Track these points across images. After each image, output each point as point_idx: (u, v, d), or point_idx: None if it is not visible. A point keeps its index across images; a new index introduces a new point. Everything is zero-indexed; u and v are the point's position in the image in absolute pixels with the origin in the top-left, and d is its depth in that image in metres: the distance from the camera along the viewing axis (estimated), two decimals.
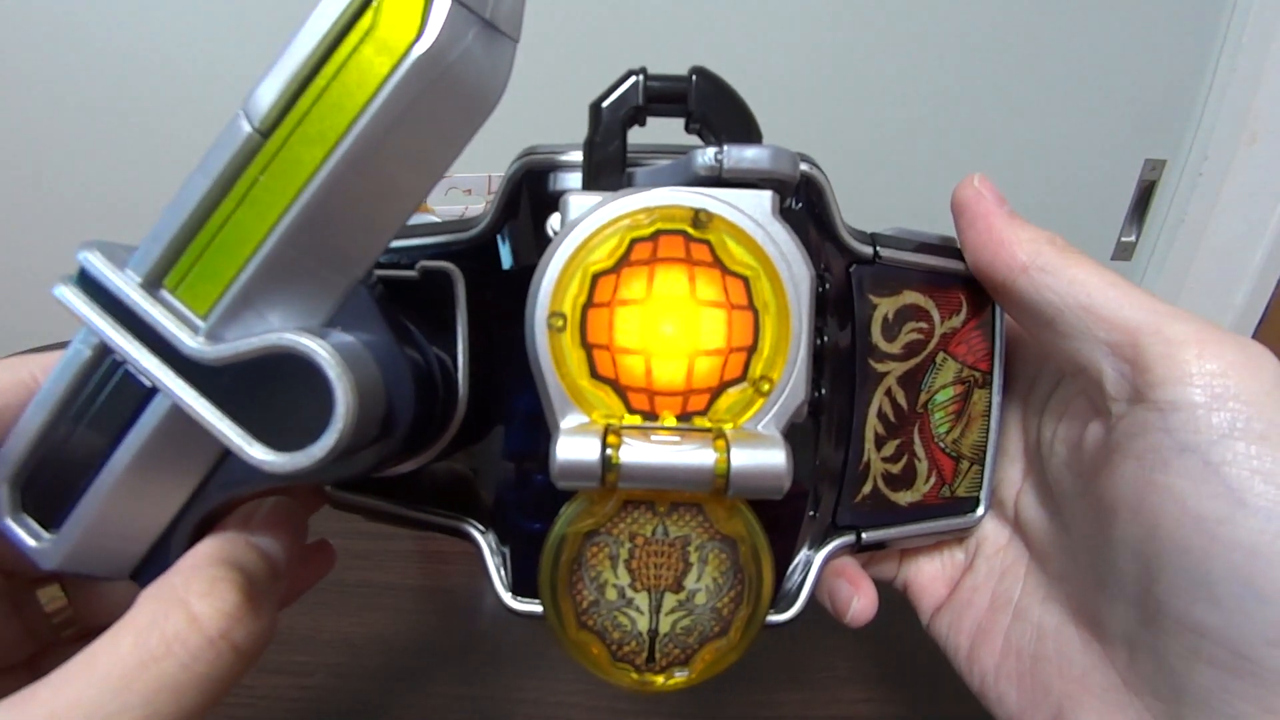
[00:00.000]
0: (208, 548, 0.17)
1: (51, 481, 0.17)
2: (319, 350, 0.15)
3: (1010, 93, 0.73)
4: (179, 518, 0.18)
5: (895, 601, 0.26)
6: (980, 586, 0.24)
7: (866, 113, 0.73)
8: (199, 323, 0.15)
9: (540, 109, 0.68)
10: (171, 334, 0.15)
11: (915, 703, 0.35)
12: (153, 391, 0.16)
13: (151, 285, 0.16)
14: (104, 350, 0.16)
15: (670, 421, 0.18)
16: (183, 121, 0.68)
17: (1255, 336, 0.78)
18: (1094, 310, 0.19)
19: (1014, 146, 0.75)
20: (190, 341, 0.15)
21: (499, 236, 0.22)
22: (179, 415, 0.15)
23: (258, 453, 0.15)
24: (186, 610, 0.15)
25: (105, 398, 0.17)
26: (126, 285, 0.15)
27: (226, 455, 0.17)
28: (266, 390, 0.15)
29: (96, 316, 0.15)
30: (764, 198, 0.17)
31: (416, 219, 0.20)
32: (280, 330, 0.15)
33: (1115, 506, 0.19)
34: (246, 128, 0.15)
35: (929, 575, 0.26)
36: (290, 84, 0.14)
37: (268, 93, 0.15)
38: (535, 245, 0.20)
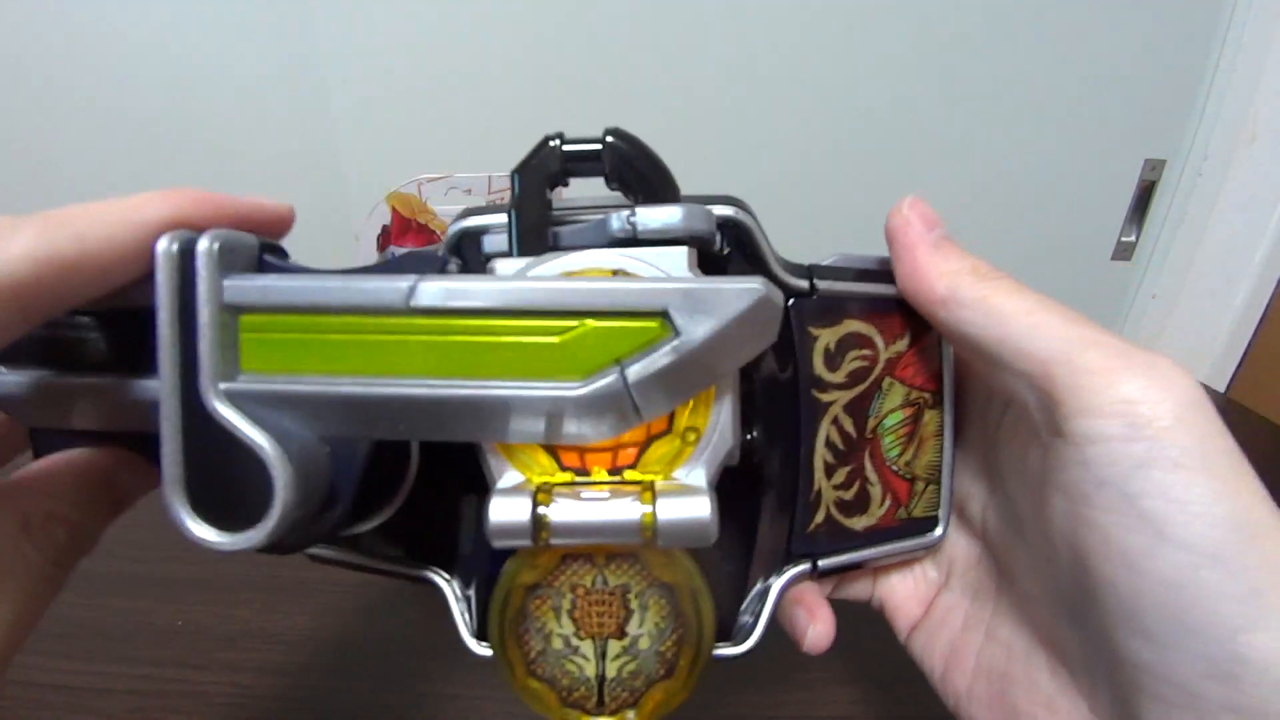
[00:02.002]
0: (65, 470, 0.18)
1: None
2: (269, 450, 0.15)
3: (1010, 92, 0.73)
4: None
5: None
6: (954, 606, 0.24)
7: (865, 111, 0.74)
8: (237, 375, 0.16)
9: (543, 111, 0.68)
10: (206, 360, 0.15)
11: (913, 704, 0.35)
12: (153, 359, 0.16)
13: (234, 311, 0.16)
14: (148, 311, 0.16)
15: (601, 476, 0.18)
16: (181, 119, 0.68)
17: (1255, 336, 0.77)
18: (1009, 342, 0.19)
19: (1014, 146, 0.75)
20: (214, 380, 0.16)
21: None
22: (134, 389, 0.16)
23: (200, 530, 0.16)
24: (27, 533, 0.17)
25: (114, 334, 0.17)
26: (211, 293, 0.16)
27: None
28: (220, 460, 0.16)
29: (165, 284, 0.15)
30: (680, 254, 0.18)
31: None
32: (263, 430, 0.16)
33: (1053, 538, 0.19)
34: (405, 300, 0.16)
35: (902, 594, 0.25)
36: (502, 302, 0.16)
37: (438, 293, 0.16)
38: None
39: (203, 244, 0.15)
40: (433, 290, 0.16)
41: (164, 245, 0.15)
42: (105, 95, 0.68)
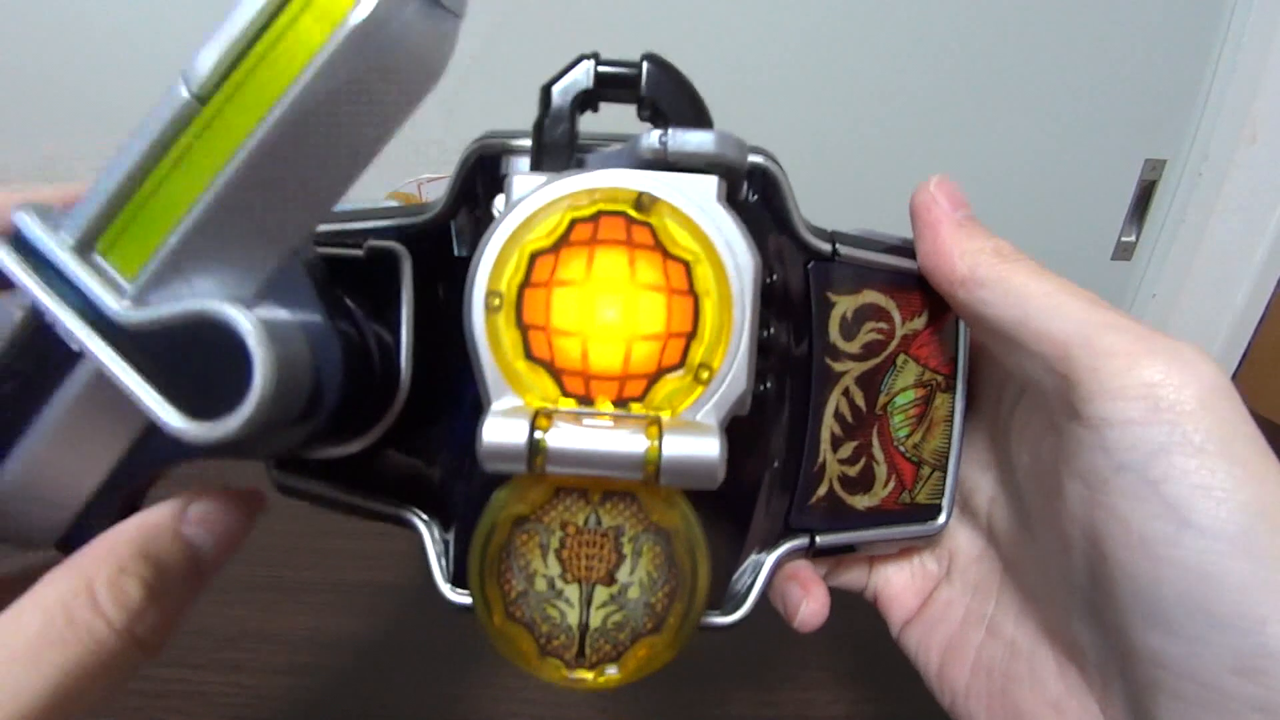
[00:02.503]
0: (131, 531, 0.17)
1: None
2: (240, 319, 0.14)
3: (1010, 92, 0.73)
4: (106, 486, 0.18)
5: None
6: (954, 600, 0.23)
7: (862, 110, 0.74)
8: (126, 286, 0.15)
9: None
10: (97, 296, 0.15)
11: (916, 700, 0.35)
12: (80, 355, 0.16)
13: (83, 248, 0.15)
14: (35, 311, 0.16)
15: (606, 407, 0.17)
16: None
17: (1255, 336, 0.78)
18: (1028, 324, 0.18)
19: (1014, 146, 0.75)
20: (115, 304, 0.15)
21: (453, 223, 0.21)
22: (104, 381, 0.15)
23: (172, 419, 0.15)
24: (92, 598, 0.15)
25: (33, 360, 0.16)
26: (58, 247, 0.15)
27: (154, 426, 0.17)
28: (191, 359, 0.15)
29: (27, 277, 0.15)
30: (709, 182, 0.17)
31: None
32: (205, 298, 0.15)
33: (1068, 527, 0.18)
34: (184, 94, 0.15)
35: (898, 586, 0.25)
36: (229, 51, 0.14)
37: (207, 59, 0.14)
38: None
39: (18, 218, 0.15)
40: (204, 60, 0.15)
41: None
42: (100, 94, 0.68)
